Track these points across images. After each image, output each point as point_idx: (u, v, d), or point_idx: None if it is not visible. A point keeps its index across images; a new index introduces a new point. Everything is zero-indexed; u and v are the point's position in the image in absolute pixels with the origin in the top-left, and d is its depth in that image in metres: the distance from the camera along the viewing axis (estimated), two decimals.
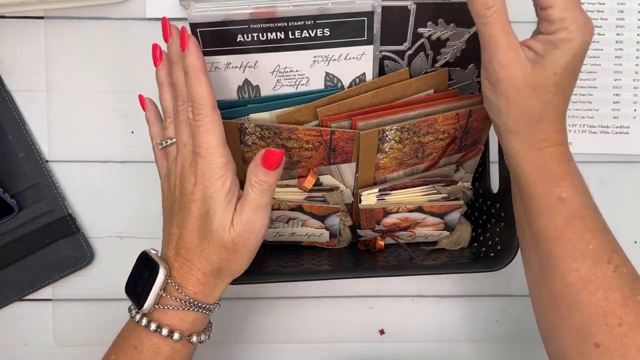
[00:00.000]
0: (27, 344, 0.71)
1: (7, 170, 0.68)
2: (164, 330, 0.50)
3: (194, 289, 0.51)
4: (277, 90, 0.57)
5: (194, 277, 0.51)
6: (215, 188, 0.50)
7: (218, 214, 0.50)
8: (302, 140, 0.56)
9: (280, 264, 0.62)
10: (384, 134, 0.56)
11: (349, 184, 0.62)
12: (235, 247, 0.50)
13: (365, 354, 0.73)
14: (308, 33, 0.53)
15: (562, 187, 0.50)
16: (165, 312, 0.51)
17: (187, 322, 0.52)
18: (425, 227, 0.63)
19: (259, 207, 0.50)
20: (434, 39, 0.57)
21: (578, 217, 0.50)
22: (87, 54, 0.69)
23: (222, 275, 0.52)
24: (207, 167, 0.50)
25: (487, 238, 0.63)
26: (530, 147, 0.49)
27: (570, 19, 0.45)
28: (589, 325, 0.49)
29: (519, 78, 0.47)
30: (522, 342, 0.73)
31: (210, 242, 0.50)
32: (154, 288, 0.50)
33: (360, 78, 0.57)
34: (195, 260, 0.51)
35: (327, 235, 0.64)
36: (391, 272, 0.61)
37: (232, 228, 0.50)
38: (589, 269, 0.49)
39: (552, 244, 0.50)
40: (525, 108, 0.48)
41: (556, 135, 0.49)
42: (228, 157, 0.51)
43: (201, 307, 0.52)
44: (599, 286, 0.49)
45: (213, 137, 0.50)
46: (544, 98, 0.47)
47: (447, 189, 0.61)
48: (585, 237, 0.50)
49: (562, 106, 0.49)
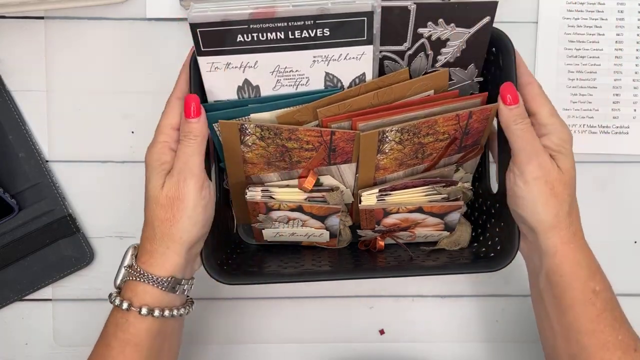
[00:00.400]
0: (27, 344, 0.71)
1: (7, 170, 0.69)
2: (117, 300, 0.53)
3: (143, 258, 0.54)
4: (277, 90, 0.57)
5: (143, 246, 0.54)
6: (151, 158, 0.54)
7: (152, 178, 0.54)
8: (303, 140, 0.56)
9: (280, 265, 0.62)
10: (384, 135, 0.56)
11: (349, 184, 0.62)
12: (170, 203, 0.53)
13: (365, 354, 0.73)
14: (308, 33, 0.53)
15: (596, 281, 0.54)
16: (126, 285, 0.54)
17: (137, 293, 0.53)
18: (425, 227, 0.63)
19: (188, 157, 0.53)
20: (434, 39, 0.57)
21: (608, 309, 0.54)
22: (87, 54, 0.69)
23: (165, 240, 0.53)
24: (151, 143, 0.55)
25: (487, 238, 0.63)
26: (568, 242, 0.54)
27: (556, 123, 0.55)
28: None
29: (554, 175, 0.54)
30: (522, 342, 0.73)
31: (149, 206, 0.54)
32: (120, 264, 0.55)
33: (360, 78, 0.57)
34: (144, 230, 0.54)
35: (327, 236, 0.64)
36: (391, 272, 0.61)
37: (164, 185, 0.54)
38: (620, 358, 0.53)
39: (585, 336, 0.54)
40: (561, 203, 0.54)
41: (580, 227, 0.56)
42: (171, 137, 0.55)
43: (147, 277, 0.53)
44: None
45: (164, 118, 0.55)
46: (571, 192, 0.55)
47: (447, 190, 0.61)
48: (615, 328, 0.54)
49: (576, 199, 0.56)
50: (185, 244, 0.54)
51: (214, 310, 0.72)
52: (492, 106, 0.57)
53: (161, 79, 0.56)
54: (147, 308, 0.52)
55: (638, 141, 0.72)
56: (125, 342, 0.53)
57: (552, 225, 0.54)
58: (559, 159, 0.54)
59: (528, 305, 0.63)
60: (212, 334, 0.72)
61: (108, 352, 0.53)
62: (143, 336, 0.53)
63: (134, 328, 0.53)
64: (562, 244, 0.54)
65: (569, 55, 0.71)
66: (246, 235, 0.69)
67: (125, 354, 0.52)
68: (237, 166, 0.59)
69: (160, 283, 0.53)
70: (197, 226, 0.54)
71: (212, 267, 0.58)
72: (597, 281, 0.54)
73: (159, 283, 0.53)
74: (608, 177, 0.73)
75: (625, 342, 0.54)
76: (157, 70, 0.69)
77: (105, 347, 0.53)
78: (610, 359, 0.53)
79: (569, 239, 0.54)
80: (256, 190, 0.60)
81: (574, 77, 0.71)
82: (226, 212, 0.65)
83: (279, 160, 0.59)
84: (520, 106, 0.55)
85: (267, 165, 0.59)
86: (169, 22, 0.69)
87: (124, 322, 0.53)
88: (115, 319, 0.53)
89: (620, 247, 0.73)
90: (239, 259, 0.64)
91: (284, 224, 0.63)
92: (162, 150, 0.54)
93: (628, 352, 0.53)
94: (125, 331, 0.53)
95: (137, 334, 0.53)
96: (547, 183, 0.54)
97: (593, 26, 0.71)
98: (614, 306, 0.55)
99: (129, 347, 0.52)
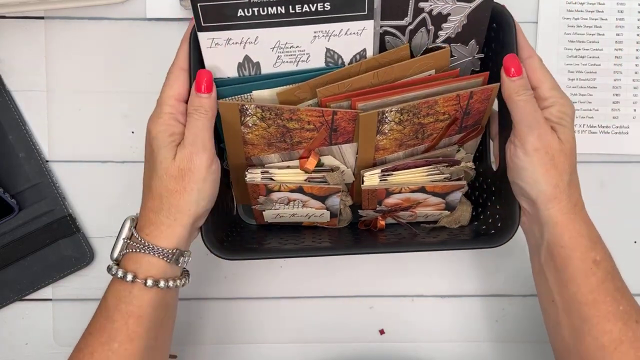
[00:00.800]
0: (27, 344, 0.71)
1: (7, 170, 0.68)
2: (120, 272, 0.52)
3: (147, 229, 0.53)
4: (277, 67, 0.57)
5: (147, 218, 0.53)
6: (158, 130, 0.53)
7: (162, 149, 0.53)
8: (304, 120, 0.56)
9: (280, 242, 0.62)
10: (384, 116, 0.55)
11: (350, 165, 0.62)
12: (181, 174, 0.52)
13: (365, 354, 0.73)
14: (308, 7, 0.53)
15: (597, 250, 0.54)
16: (127, 257, 0.53)
17: (141, 265, 0.53)
18: (426, 207, 0.63)
19: (199, 131, 0.53)
20: (435, 13, 0.57)
21: (609, 279, 0.54)
22: (87, 54, 0.69)
23: (173, 212, 0.53)
24: (155, 113, 0.54)
25: (488, 216, 0.63)
26: (568, 212, 0.54)
27: (557, 95, 0.55)
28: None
29: (554, 146, 0.53)
30: (522, 342, 0.73)
31: (157, 176, 0.53)
32: (119, 236, 0.54)
33: (360, 54, 0.57)
34: (148, 201, 0.54)
35: (327, 215, 0.64)
36: (392, 248, 0.61)
37: (176, 156, 0.53)
38: (621, 329, 0.53)
39: (586, 307, 0.53)
40: (561, 174, 0.54)
41: (580, 198, 0.55)
42: (176, 109, 0.54)
43: (153, 249, 0.52)
44: (630, 346, 0.52)
45: (168, 89, 0.55)
46: (572, 163, 0.54)
47: (450, 169, 0.60)
48: (617, 298, 0.53)
49: (577, 171, 0.56)
50: (193, 216, 0.54)
51: (214, 310, 0.72)
52: (493, 86, 0.56)
53: (161, 79, 0.55)
54: (152, 279, 0.52)
55: (638, 141, 0.72)
56: (128, 315, 0.52)
57: (552, 195, 0.54)
58: (559, 131, 0.54)
59: (528, 305, 0.63)
60: (211, 334, 0.72)
61: (110, 324, 0.52)
62: (146, 308, 0.53)
63: (137, 300, 0.52)
64: (562, 214, 0.54)
65: (569, 55, 0.71)
66: (246, 216, 0.69)
67: (128, 326, 0.52)
68: (238, 147, 0.59)
69: (166, 255, 0.53)
70: (206, 200, 0.54)
71: (211, 242, 0.57)
72: (598, 251, 0.54)
73: (164, 255, 0.53)
74: (608, 177, 0.73)
75: (628, 313, 0.53)
76: (157, 70, 0.69)
77: (107, 320, 0.53)
78: (611, 329, 0.53)
79: (569, 209, 0.54)
80: (256, 172, 0.60)
81: (574, 77, 0.72)
82: (226, 193, 0.65)
83: (279, 141, 0.58)
84: (524, 78, 0.54)
85: (267, 147, 0.59)
86: (169, 22, 0.69)
87: (127, 294, 0.52)
88: (117, 291, 0.53)
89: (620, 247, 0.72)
90: (239, 237, 0.64)
91: (284, 205, 0.62)
92: (169, 122, 0.54)
93: (629, 324, 0.53)
94: (128, 303, 0.52)
95: (140, 305, 0.52)
96: (548, 154, 0.53)
97: (593, 26, 0.71)
98: (615, 276, 0.55)
99: (132, 319, 0.52)
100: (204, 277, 0.71)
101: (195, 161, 0.53)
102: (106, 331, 0.53)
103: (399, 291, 0.73)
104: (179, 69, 0.55)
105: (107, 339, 0.52)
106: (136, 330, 0.52)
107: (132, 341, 0.52)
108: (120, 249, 0.54)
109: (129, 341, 0.52)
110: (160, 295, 0.53)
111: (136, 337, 0.52)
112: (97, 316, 0.54)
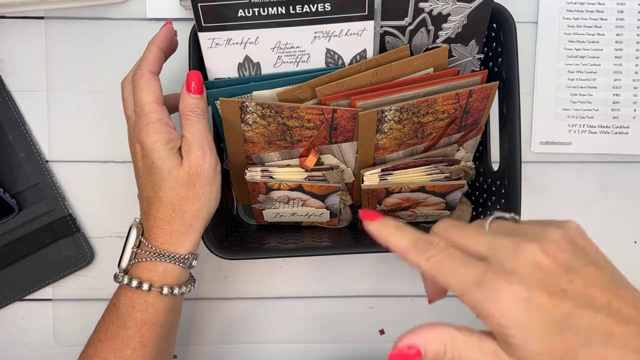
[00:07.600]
0: (27, 344, 0.71)
1: (7, 170, 0.68)
2: (134, 282, 0.52)
3: (161, 239, 0.53)
4: (277, 67, 0.57)
5: (159, 228, 0.53)
6: (153, 140, 0.51)
7: (166, 160, 0.51)
8: (304, 118, 0.56)
9: (280, 242, 0.62)
10: (383, 115, 0.55)
11: (350, 164, 0.62)
12: (192, 180, 0.52)
13: (365, 354, 0.73)
14: (309, 8, 0.53)
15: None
16: (138, 266, 0.53)
17: (157, 274, 0.53)
18: (426, 206, 0.63)
19: (200, 133, 0.52)
20: (435, 13, 0.57)
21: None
22: (87, 54, 0.69)
23: (188, 218, 0.53)
24: (142, 124, 0.52)
25: (488, 216, 0.63)
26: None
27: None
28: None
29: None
30: None
31: (168, 186, 0.52)
32: (126, 246, 0.53)
33: (361, 55, 0.57)
34: (158, 211, 0.53)
35: (327, 215, 0.64)
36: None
37: (183, 163, 0.52)
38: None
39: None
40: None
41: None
42: (162, 114, 0.52)
43: (170, 256, 0.53)
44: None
45: (146, 94, 0.52)
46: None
47: (450, 169, 0.60)
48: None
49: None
50: (206, 219, 0.54)
51: (214, 310, 0.72)
52: (492, 85, 0.56)
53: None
54: (168, 287, 0.53)
55: (638, 141, 0.72)
56: (142, 322, 0.52)
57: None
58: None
59: None
60: (211, 334, 0.72)
61: (124, 332, 0.52)
62: (161, 314, 0.53)
63: (153, 308, 0.53)
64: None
65: (569, 55, 0.71)
66: (246, 216, 0.69)
67: (142, 333, 0.52)
68: (238, 145, 0.59)
69: (182, 260, 0.53)
70: (215, 201, 0.54)
71: (211, 242, 0.58)
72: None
73: (181, 260, 0.53)
74: (608, 177, 0.73)
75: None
76: None
77: (120, 327, 0.53)
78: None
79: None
80: (256, 171, 0.60)
81: (574, 77, 0.72)
82: (226, 193, 0.66)
83: (279, 139, 0.59)
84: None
85: (267, 145, 0.59)
86: None
87: (142, 302, 0.52)
88: (131, 299, 0.53)
89: (620, 247, 0.73)
90: (239, 237, 0.64)
91: (284, 204, 0.63)
92: (161, 129, 0.52)
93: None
94: (144, 311, 0.52)
95: (155, 312, 0.53)
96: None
97: (593, 26, 0.71)
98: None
99: (145, 326, 0.52)
100: (204, 277, 0.71)
101: (204, 165, 0.52)
102: (119, 338, 0.53)
103: (399, 291, 0.73)
104: (149, 73, 0.53)
105: (119, 346, 0.52)
106: (149, 336, 0.53)
107: (144, 347, 0.53)
108: (130, 258, 0.54)
109: (141, 347, 0.53)
110: (172, 301, 0.54)
111: (149, 343, 0.53)
112: (108, 323, 0.54)
